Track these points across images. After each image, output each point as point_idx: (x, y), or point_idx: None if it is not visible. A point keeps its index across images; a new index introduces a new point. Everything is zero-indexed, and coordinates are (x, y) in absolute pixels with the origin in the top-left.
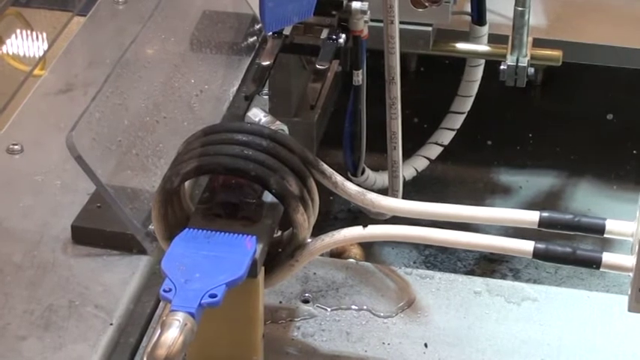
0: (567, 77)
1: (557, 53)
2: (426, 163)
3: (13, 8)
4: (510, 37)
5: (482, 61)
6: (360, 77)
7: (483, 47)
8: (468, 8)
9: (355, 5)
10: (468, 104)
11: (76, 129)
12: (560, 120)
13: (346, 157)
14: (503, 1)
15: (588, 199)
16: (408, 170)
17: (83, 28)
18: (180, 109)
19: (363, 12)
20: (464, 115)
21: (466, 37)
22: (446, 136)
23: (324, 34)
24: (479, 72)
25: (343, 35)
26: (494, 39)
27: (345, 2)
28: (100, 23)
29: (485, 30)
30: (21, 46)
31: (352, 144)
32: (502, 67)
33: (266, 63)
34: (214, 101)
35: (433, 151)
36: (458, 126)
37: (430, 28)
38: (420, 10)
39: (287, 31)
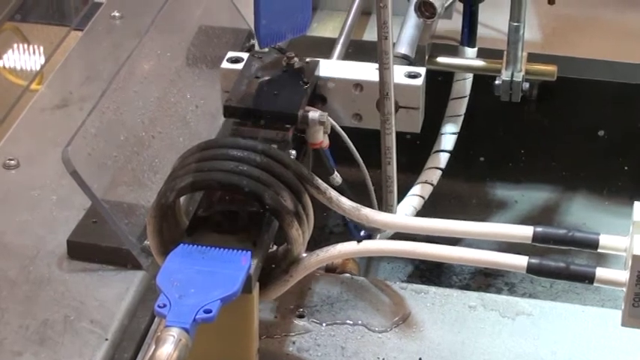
0: (562, 92)
1: (552, 68)
2: (422, 201)
3: (10, 23)
4: (505, 52)
5: (466, 100)
6: (338, 179)
7: (478, 62)
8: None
9: (313, 115)
10: (451, 142)
11: (71, 144)
12: (555, 135)
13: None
14: (498, 15)
15: (584, 214)
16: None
17: (80, 42)
18: (175, 124)
19: (322, 122)
20: (448, 154)
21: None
22: (434, 176)
23: None
24: (462, 107)
25: (293, 152)
26: (488, 54)
27: (300, 114)
28: (96, 38)
29: (474, 53)
30: (18, 61)
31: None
32: (497, 82)
33: None
34: (210, 116)
35: (425, 189)
36: (443, 165)
37: (425, 44)
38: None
39: None
